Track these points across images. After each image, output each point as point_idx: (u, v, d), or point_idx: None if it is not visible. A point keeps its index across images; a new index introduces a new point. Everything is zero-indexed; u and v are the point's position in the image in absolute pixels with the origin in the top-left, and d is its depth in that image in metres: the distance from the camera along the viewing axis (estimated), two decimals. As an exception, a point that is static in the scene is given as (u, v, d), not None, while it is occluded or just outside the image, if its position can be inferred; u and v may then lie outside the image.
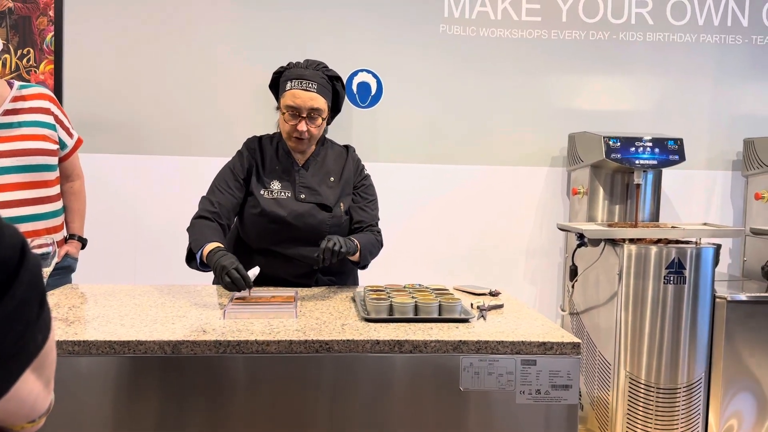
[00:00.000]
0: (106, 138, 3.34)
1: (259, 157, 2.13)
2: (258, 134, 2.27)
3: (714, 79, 3.60)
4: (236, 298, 1.84)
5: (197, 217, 2.05)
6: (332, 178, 2.13)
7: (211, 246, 1.89)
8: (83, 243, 2.37)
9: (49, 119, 2.19)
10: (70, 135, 2.28)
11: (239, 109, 3.38)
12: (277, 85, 2.14)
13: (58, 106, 2.26)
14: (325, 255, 1.85)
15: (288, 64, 2.14)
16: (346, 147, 2.24)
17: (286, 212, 2.04)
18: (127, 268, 3.39)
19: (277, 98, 2.14)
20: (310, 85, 2.02)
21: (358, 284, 2.29)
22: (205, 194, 2.12)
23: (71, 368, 1.46)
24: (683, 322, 2.84)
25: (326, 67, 2.13)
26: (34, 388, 0.69)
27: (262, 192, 2.07)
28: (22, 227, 2.11)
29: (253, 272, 1.83)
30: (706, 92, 3.60)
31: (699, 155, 3.58)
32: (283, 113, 2.06)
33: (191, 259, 2.01)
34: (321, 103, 2.04)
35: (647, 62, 3.56)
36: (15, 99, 2.14)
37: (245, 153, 2.15)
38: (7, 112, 2.11)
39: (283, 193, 2.07)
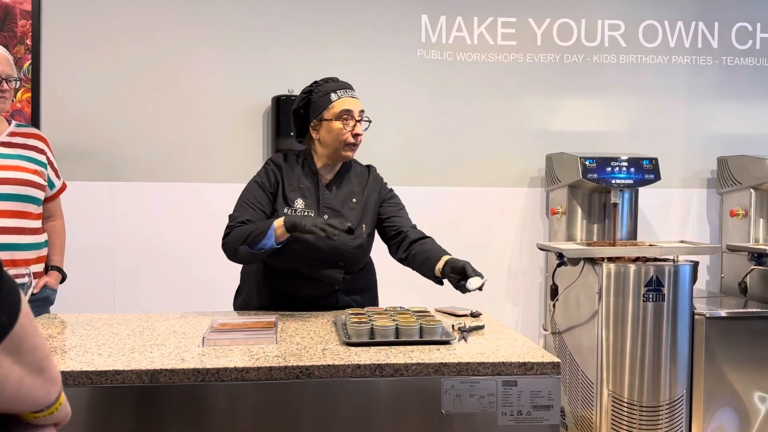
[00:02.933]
0: (84, 165, 3.32)
1: (285, 174, 2.12)
2: (236, 158, 2.27)
3: (686, 99, 3.67)
4: (216, 325, 1.82)
5: (232, 228, 2.01)
6: (354, 200, 2.13)
7: (278, 221, 1.92)
8: (63, 276, 2.41)
9: (42, 158, 2.31)
10: (58, 177, 2.41)
11: (217, 134, 3.39)
12: (306, 107, 2.12)
13: (50, 149, 2.39)
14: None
15: (314, 83, 2.14)
16: (368, 167, 2.26)
17: None
18: (106, 296, 3.35)
19: (305, 120, 2.13)
20: (353, 93, 2.12)
21: (377, 303, 2.32)
22: (232, 211, 2.08)
23: (47, 400, 1.43)
24: (663, 339, 2.86)
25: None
26: (11, 372, 0.69)
27: (286, 210, 2.06)
28: (1, 255, 2.10)
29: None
30: (679, 112, 3.68)
31: (674, 174, 3.64)
32: (336, 122, 2.06)
33: (258, 249, 1.96)
34: (363, 107, 2.12)
35: (621, 84, 3.63)
36: (12, 134, 2.27)
37: (273, 168, 2.13)
38: (3, 144, 2.22)
39: (307, 212, 2.06)
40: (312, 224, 1.86)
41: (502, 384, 1.53)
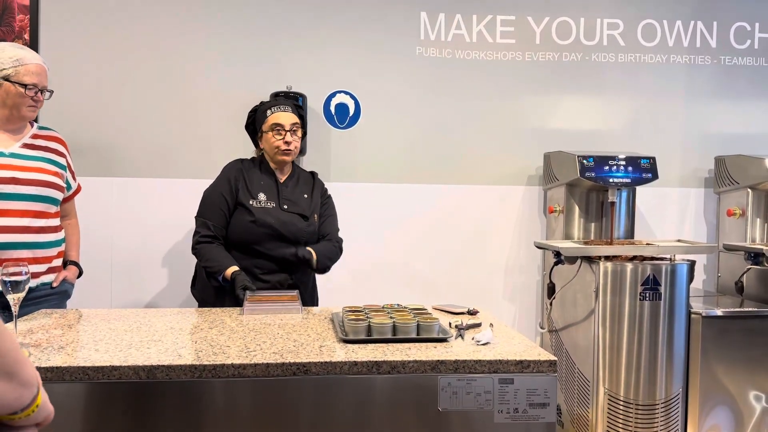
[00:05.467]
0: (83, 161, 3.30)
1: (245, 175, 2.52)
2: (235, 155, 2.60)
3: (684, 98, 3.68)
4: (249, 297, 2.12)
5: (202, 241, 2.44)
6: (306, 195, 2.58)
7: (231, 270, 2.33)
8: (80, 271, 2.52)
9: (62, 161, 2.42)
10: (74, 179, 2.52)
11: (215, 130, 3.38)
12: (253, 123, 2.59)
13: (69, 152, 2.49)
14: (300, 257, 2.41)
15: (260, 103, 2.61)
16: (312, 173, 2.69)
17: (273, 220, 2.45)
18: (103, 292, 3.35)
19: (255, 136, 2.60)
20: (287, 108, 2.56)
21: (317, 302, 2.67)
22: (197, 214, 2.49)
23: (44, 395, 1.43)
24: (660, 338, 2.87)
25: (288, 96, 2.75)
26: None
27: (251, 202, 2.46)
28: (24, 253, 2.21)
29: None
30: (677, 111, 3.68)
31: (672, 173, 3.65)
32: (270, 133, 2.51)
33: (209, 276, 2.40)
34: (297, 119, 2.56)
35: (619, 83, 3.63)
36: (35, 136, 2.37)
37: (232, 175, 2.52)
38: (26, 146, 2.31)
39: (269, 204, 2.48)
40: (240, 287, 2.25)
41: (498, 382, 1.53)
